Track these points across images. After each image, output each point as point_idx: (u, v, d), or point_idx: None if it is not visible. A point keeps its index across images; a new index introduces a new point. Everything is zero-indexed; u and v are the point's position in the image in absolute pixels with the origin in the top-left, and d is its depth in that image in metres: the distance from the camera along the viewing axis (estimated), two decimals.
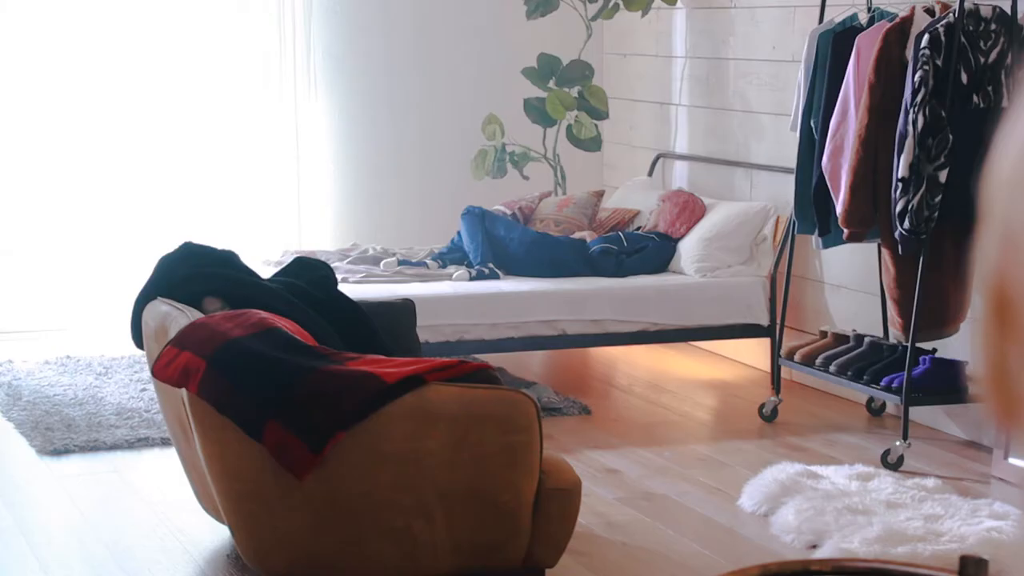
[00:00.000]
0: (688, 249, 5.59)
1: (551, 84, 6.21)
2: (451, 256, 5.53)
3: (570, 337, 5.23)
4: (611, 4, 6.17)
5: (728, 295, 5.41)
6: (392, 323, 3.81)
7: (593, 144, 6.24)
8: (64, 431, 4.57)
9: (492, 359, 5.56)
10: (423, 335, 4.77)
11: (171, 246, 3.77)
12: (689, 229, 5.65)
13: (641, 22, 6.35)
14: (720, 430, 4.99)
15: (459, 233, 5.56)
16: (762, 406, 4.98)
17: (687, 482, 4.25)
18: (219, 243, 4.98)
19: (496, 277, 5.32)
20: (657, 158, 6.43)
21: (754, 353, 5.64)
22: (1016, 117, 0.73)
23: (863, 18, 4.72)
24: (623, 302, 5.28)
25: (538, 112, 6.17)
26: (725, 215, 5.64)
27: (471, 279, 5.30)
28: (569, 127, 6.25)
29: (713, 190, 6.02)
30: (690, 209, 5.68)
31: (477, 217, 5.47)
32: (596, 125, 6.25)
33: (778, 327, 5.08)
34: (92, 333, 5.89)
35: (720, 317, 5.41)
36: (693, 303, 5.37)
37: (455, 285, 5.20)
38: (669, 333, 5.40)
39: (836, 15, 4.79)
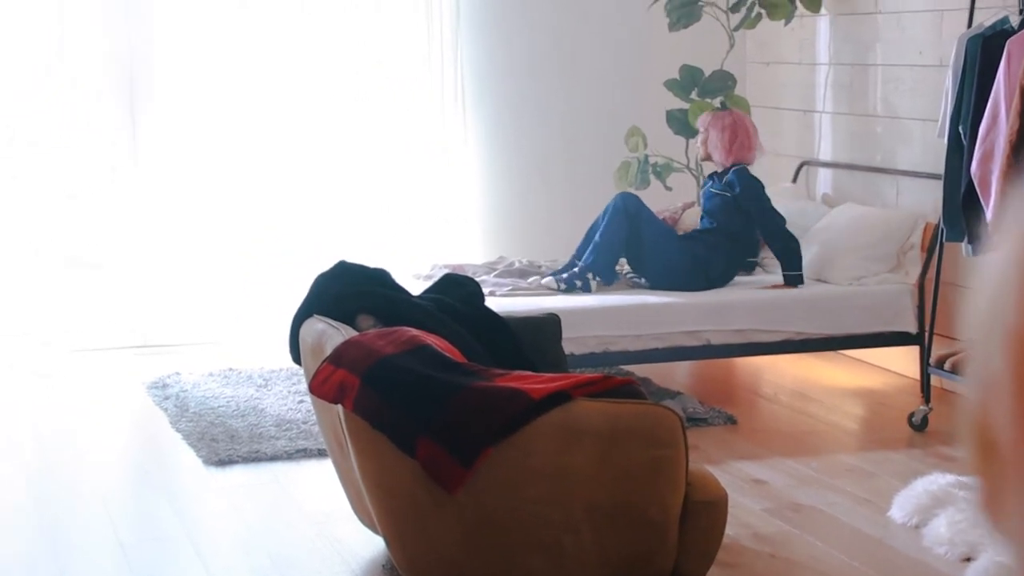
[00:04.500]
0: (833, 257, 5.56)
1: (693, 95, 6.23)
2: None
3: (715, 347, 5.25)
4: (754, 14, 6.17)
5: (875, 303, 5.36)
6: (538, 337, 3.89)
7: None
8: (227, 442, 4.76)
9: (637, 370, 5.62)
10: (568, 347, 4.83)
11: (326, 263, 3.91)
12: (748, 151, 5.49)
13: (784, 30, 6.33)
14: (868, 440, 4.95)
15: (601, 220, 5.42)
16: (911, 415, 4.93)
17: (835, 493, 4.24)
18: (371, 258, 5.13)
19: (587, 291, 5.30)
20: (801, 165, 6.40)
21: (903, 361, 5.58)
22: (997, 247, 0.71)
23: (1014, 20, 4.63)
24: (767, 311, 5.27)
25: (680, 123, 6.20)
26: (870, 223, 5.59)
27: (558, 291, 5.30)
28: None
29: (858, 197, 5.98)
30: (743, 129, 5.49)
31: (628, 216, 5.35)
32: None
33: (927, 335, 5.02)
34: (252, 346, 6.12)
35: (867, 326, 5.37)
36: (839, 312, 5.34)
37: (600, 298, 5.25)
38: (815, 342, 5.37)
39: (985, 18, 4.72)
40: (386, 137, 6.47)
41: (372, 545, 3.76)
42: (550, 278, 5.36)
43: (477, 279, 4.70)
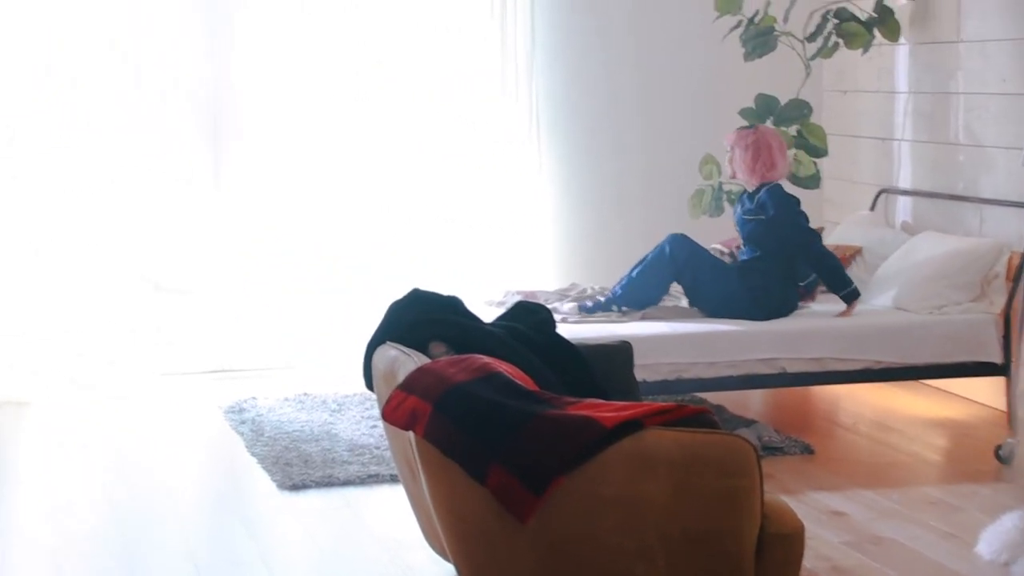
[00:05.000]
0: (914, 286, 5.48)
1: (769, 123, 6.19)
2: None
3: (790, 375, 5.19)
4: (831, 43, 6.13)
5: (958, 333, 5.28)
6: (610, 364, 3.87)
7: (812, 181, 6.19)
8: (301, 466, 4.79)
9: (711, 397, 5.57)
10: (641, 374, 4.81)
11: (401, 290, 3.93)
12: (770, 169, 5.40)
13: (862, 59, 6.28)
14: (952, 472, 4.86)
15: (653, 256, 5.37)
16: (999, 447, 4.82)
17: (918, 526, 4.16)
18: (445, 285, 5.15)
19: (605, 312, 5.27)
20: (879, 193, 6.33)
21: (988, 391, 5.47)
22: None
23: None
24: (845, 340, 5.20)
25: None
26: (953, 251, 5.50)
27: (579, 310, 5.27)
28: None
29: (939, 225, 5.89)
30: (766, 147, 5.39)
31: (676, 266, 5.29)
32: (815, 162, 6.20)
33: (1014, 366, 4.92)
34: (327, 371, 6.17)
35: (950, 355, 5.28)
36: (921, 341, 5.26)
37: (673, 325, 5.22)
38: (895, 371, 5.29)
39: None
40: (461, 165, 6.51)
41: (443, 572, 3.75)
42: (573, 304, 5.34)
43: (549, 306, 4.70)
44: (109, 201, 6.22)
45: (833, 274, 5.33)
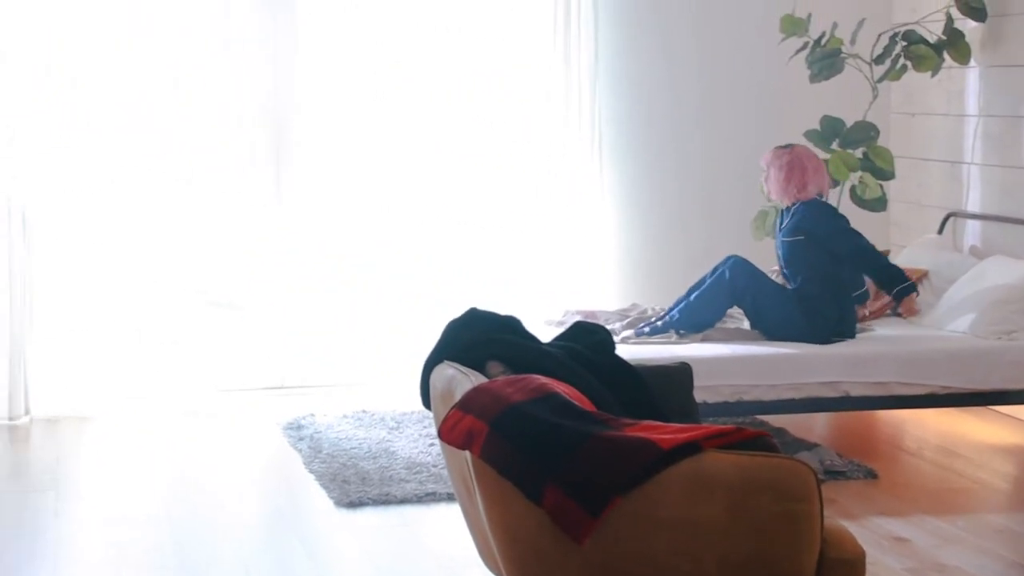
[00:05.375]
0: (982, 310, 5.39)
1: (834, 145, 6.13)
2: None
3: (853, 399, 5.12)
4: (899, 65, 6.07)
5: None
6: (669, 386, 3.84)
7: (878, 204, 6.12)
8: (359, 484, 4.80)
9: (772, 420, 5.51)
10: (701, 395, 4.77)
11: (461, 308, 3.93)
12: (801, 190, 5.30)
13: (931, 81, 6.21)
14: (1019, 499, 4.77)
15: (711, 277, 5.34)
16: None
17: (984, 555, 4.08)
18: (505, 302, 5.14)
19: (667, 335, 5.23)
20: (947, 217, 6.24)
21: None
22: None
23: None
24: (910, 364, 5.12)
25: None
26: (1022, 276, 5.41)
27: (636, 335, 5.22)
28: (853, 188, 6.16)
29: (1009, 249, 5.80)
30: (799, 168, 5.30)
31: (735, 292, 5.24)
32: (881, 185, 6.13)
33: None
34: (386, 388, 6.18)
35: (1019, 381, 5.19)
36: (988, 366, 5.17)
37: (733, 347, 5.18)
38: (962, 397, 5.20)
39: None
40: (524, 184, 6.51)
41: None
42: (630, 331, 5.30)
43: (608, 326, 4.68)
44: (170, 216, 6.28)
45: (888, 272, 5.25)
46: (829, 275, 5.27)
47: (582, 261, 6.49)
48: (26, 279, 5.85)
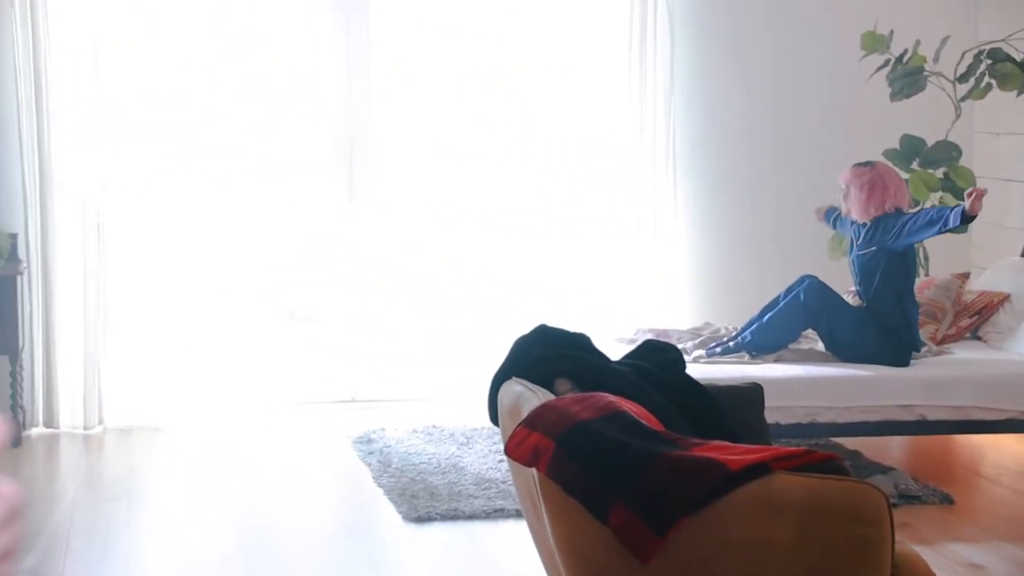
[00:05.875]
0: None
1: (915, 165, 6.04)
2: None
3: (930, 423, 5.02)
4: (983, 84, 5.96)
5: None
6: (740, 406, 3.79)
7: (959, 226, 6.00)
8: (428, 499, 4.79)
9: (847, 442, 5.42)
10: (774, 416, 4.71)
11: (531, 324, 3.91)
12: (878, 211, 5.15)
13: (1016, 100, 6.09)
14: None
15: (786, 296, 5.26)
16: None
17: None
18: (577, 318, 5.11)
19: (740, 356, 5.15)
20: None
21: None
22: None
23: None
24: (988, 388, 5.02)
25: None
26: None
27: (707, 355, 5.15)
28: None
29: None
30: (880, 186, 5.16)
31: (808, 313, 5.15)
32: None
33: None
34: (456, 403, 6.18)
35: None
36: None
37: (807, 368, 5.10)
38: None
39: None
40: (599, 202, 6.49)
41: None
42: (701, 351, 5.23)
43: (680, 346, 4.63)
44: (244, 230, 6.34)
45: (938, 216, 4.95)
46: (903, 289, 5.18)
47: (655, 279, 6.45)
48: (101, 289, 5.93)
